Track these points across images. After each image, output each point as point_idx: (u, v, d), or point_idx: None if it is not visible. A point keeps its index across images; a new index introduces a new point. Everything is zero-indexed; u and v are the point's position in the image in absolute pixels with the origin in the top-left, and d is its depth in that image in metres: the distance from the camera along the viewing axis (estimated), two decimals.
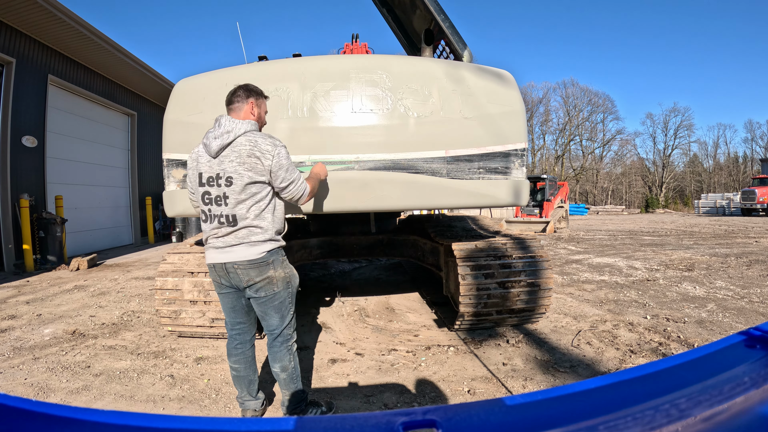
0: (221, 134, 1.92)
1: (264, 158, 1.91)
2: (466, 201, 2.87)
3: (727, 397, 0.46)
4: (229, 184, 1.91)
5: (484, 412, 0.43)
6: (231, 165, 1.91)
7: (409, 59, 3.33)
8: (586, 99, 46.97)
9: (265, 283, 1.98)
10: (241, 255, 1.94)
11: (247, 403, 2.21)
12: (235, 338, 2.17)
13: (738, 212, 23.82)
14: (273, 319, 2.06)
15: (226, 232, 1.95)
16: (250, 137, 1.93)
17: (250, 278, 1.96)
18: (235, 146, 1.91)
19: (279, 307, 2.04)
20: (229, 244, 1.96)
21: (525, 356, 2.99)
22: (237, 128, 1.93)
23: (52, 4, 6.76)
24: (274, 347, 2.10)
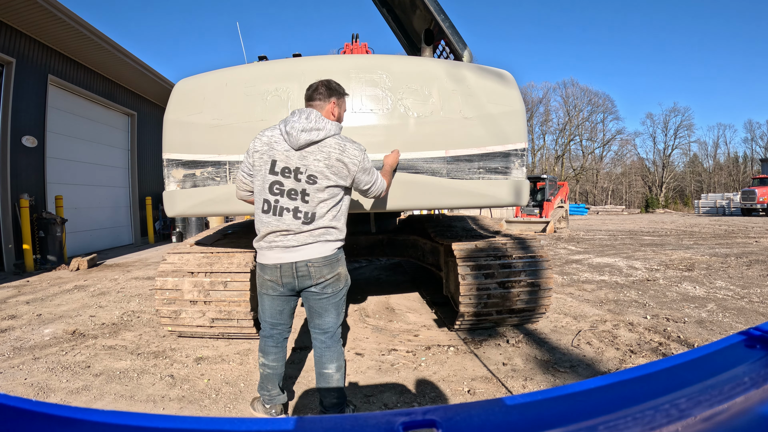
0: (311, 129, 1.87)
1: (351, 164, 1.93)
2: (466, 201, 2.87)
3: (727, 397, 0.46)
4: (312, 183, 1.89)
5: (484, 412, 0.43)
6: (316, 164, 1.88)
7: (409, 59, 3.33)
8: (586, 99, 47.02)
9: (334, 280, 2.00)
10: (317, 252, 1.93)
11: (278, 398, 2.20)
12: (276, 337, 2.17)
13: (738, 212, 23.82)
14: (331, 316, 2.06)
15: (300, 229, 1.90)
16: (339, 141, 1.92)
17: (322, 275, 1.96)
18: (324, 146, 1.89)
19: (339, 304, 2.08)
20: (303, 243, 1.92)
21: (525, 356, 2.99)
22: (328, 129, 1.90)
23: (52, 4, 6.76)
24: (331, 347, 2.08)
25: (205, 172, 2.80)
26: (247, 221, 5.42)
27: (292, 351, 3.18)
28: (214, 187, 2.79)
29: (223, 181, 2.77)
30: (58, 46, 8.01)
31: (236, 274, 3.11)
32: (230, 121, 2.78)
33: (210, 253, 3.30)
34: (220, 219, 11.06)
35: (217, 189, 2.78)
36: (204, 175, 2.80)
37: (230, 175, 2.78)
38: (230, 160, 2.76)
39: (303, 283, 1.97)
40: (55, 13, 6.92)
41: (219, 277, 3.12)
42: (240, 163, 2.77)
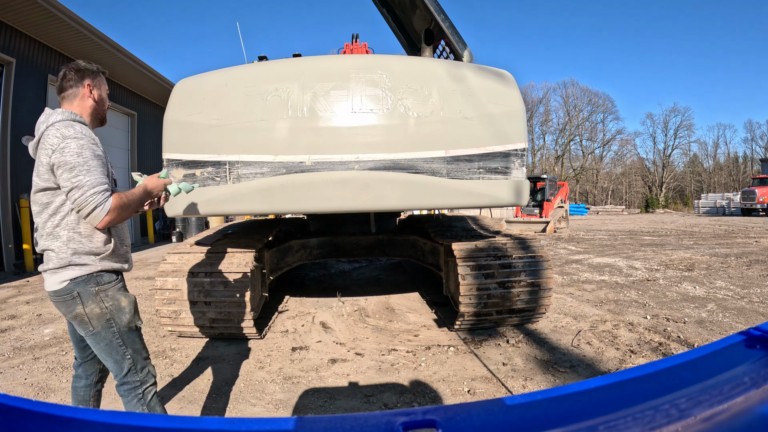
0: (38, 124, 1.54)
1: (44, 155, 1.47)
2: (466, 201, 2.87)
3: (727, 397, 0.46)
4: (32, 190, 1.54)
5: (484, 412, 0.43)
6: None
7: (409, 59, 3.33)
8: (586, 99, 47.02)
9: (77, 323, 1.56)
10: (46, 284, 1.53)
11: None
12: (79, 377, 1.79)
13: (738, 212, 23.82)
14: (108, 363, 1.62)
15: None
16: (54, 129, 1.50)
17: (62, 312, 1.57)
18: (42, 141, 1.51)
19: (107, 349, 1.58)
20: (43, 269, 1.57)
21: (525, 356, 2.99)
22: (52, 119, 1.53)
23: (52, 4, 6.76)
24: (121, 396, 1.64)
25: (205, 172, 2.80)
26: (247, 221, 5.42)
27: (291, 351, 3.18)
28: (214, 187, 2.79)
29: (223, 181, 2.77)
30: (58, 46, 8.01)
31: (236, 274, 3.11)
32: (230, 121, 2.78)
33: (210, 253, 3.30)
34: (220, 219, 11.06)
35: (217, 189, 2.78)
36: (204, 175, 2.80)
37: (230, 175, 2.78)
38: (230, 160, 2.76)
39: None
40: (55, 13, 6.92)
41: (219, 277, 3.12)
42: (240, 162, 2.77)
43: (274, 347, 3.26)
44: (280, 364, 2.95)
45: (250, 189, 2.76)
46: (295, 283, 5.66)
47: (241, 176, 2.77)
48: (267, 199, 2.76)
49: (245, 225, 4.72)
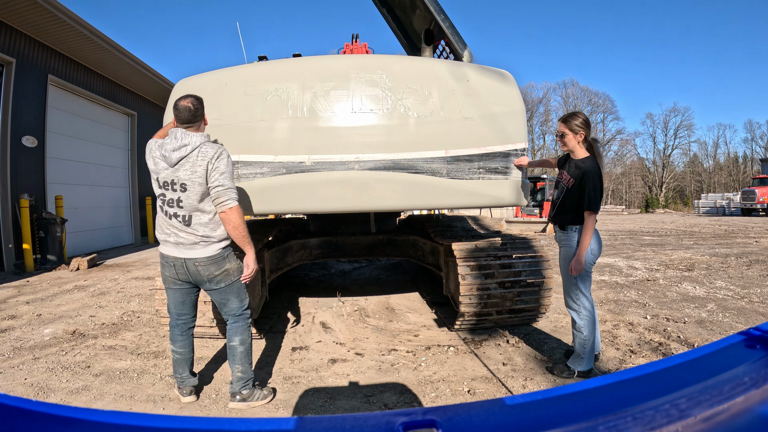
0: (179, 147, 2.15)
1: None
2: (466, 201, 2.87)
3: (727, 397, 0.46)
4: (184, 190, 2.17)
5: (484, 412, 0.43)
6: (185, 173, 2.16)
7: (409, 59, 3.33)
8: (586, 99, 47.00)
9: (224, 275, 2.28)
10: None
11: (188, 380, 2.43)
12: (181, 326, 2.41)
13: (738, 212, 23.82)
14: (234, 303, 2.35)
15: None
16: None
17: (210, 272, 2.24)
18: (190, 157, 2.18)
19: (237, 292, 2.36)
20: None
21: (525, 356, 2.99)
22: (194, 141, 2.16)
23: (52, 4, 6.76)
24: (237, 322, 2.36)
25: None
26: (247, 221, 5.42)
27: (291, 351, 3.18)
28: None
29: None
30: (58, 46, 8.01)
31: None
32: (230, 121, 2.78)
33: None
34: None
35: None
36: None
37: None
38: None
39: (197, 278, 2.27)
40: (55, 13, 6.91)
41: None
42: (240, 162, 2.77)
43: (274, 347, 3.26)
44: (280, 364, 2.95)
45: (250, 189, 2.76)
46: (295, 283, 5.66)
47: (241, 176, 2.77)
48: (267, 199, 2.77)
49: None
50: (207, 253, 2.19)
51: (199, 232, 2.17)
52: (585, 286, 2.61)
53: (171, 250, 2.22)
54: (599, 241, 2.64)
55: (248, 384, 2.33)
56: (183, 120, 2.18)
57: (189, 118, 2.17)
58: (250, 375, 2.35)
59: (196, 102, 2.21)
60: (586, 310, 2.61)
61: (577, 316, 2.63)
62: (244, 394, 2.32)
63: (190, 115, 2.17)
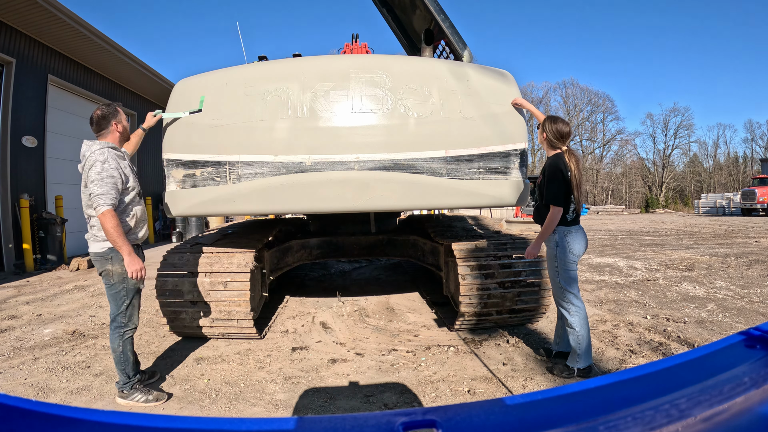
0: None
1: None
2: (466, 201, 2.87)
3: (727, 397, 0.46)
4: None
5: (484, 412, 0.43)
6: None
7: (409, 59, 3.33)
8: (586, 99, 47.03)
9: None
10: None
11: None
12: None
13: (738, 212, 23.81)
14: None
15: None
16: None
17: (97, 268, 2.43)
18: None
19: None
20: None
21: (525, 356, 2.98)
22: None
23: (52, 4, 6.76)
24: (111, 330, 2.49)
25: (205, 172, 2.80)
26: (247, 221, 5.43)
27: (291, 351, 3.18)
28: (215, 187, 2.79)
29: (223, 181, 2.77)
30: (58, 46, 8.01)
31: (236, 274, 3.11)
32: (230, 121, 2.78)
33: (210, 253, 3.30)
34: (220, 219, 11.06)
35: (217, 189, 2.78)
36: (204, 175, 2.80)
37: (230, 175, 2.78)
38: (230, 160, 2.76)
39: None
40: (55, 13, 6.91)
41: (219, 277, 3.12)
42: (240, 162, 2.77)
43: (274, 347, 3.26)
44: (280, 364, 2.95)
45: (250, 189, 2.76)
46: (295, 283, 5.66)
47: (241, 176, 2.77)
48: (267, 199, 2.76)
49: (245, 225, 4.73)
50: (93, 249, 2.39)
51: (91, 228, 2.40)
52: (570, 286, 2.62)
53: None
54: (581, 240, 2.62)
55: (125, 387, 2.43)
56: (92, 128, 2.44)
57: (93, 128, 2.43)
58: (124, 379, 2.44)
59: (103, 110, 2.43)
60: (575, 307, 2.62)
61: (568, 314, 2.63)
62: (124, 394, 2.44)
63: (94, 126, 2.42)
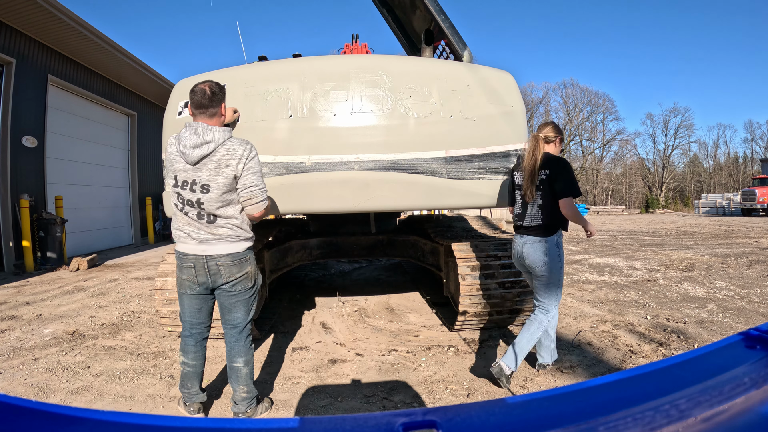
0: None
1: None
2: (466, 201, 2.87)
3: (727, 397, 0.46)
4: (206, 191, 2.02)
5: (484, 412, 0.43)
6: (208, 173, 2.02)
7: (409, 59, 3.33)
8: (586, 99, 47.02)
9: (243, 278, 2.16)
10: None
11: (196, 397, 2.25)
12: (195, 337, 2.24)
13: (738, 212, 23.82)
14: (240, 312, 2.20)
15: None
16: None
17: (231, 273, 2.11)
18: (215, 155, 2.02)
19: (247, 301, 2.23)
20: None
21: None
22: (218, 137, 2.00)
23: (52, 4, 6.76)
24: (240, 342, 2.21)
25: None
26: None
27: (291, 351, 3.18)
28: None
29: None
30: (58, 46, 8.01)
31: None
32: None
33: None
34: None
35: None
36: None
37: None
38: None
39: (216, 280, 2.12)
40: (55, 13, 6.91)
41: None
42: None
43: (274, 347, 3.26)
44: (280, 364, 2.95)
45: None
46: (295, 283, 5.66)
47: None
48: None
49: None
50: (233, 250, 2.06)
51: (227, 229, 2.05)
52: (562, 286, 2.58)
53: (192, 248, 2.05)
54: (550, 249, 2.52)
55: (253, 403, 2.22)
56: (197, 104, 1.99)
57: (204, 103, 1.98)
58: (254, 393, 2.24)
59: (215, 86, 2.03)
60: (557, 306, 2.57)
61: (547, 313, 2.53)
62: (249, 413, 2.21)
63: (206, 100, 1.98)
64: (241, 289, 2.14)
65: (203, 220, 2.03)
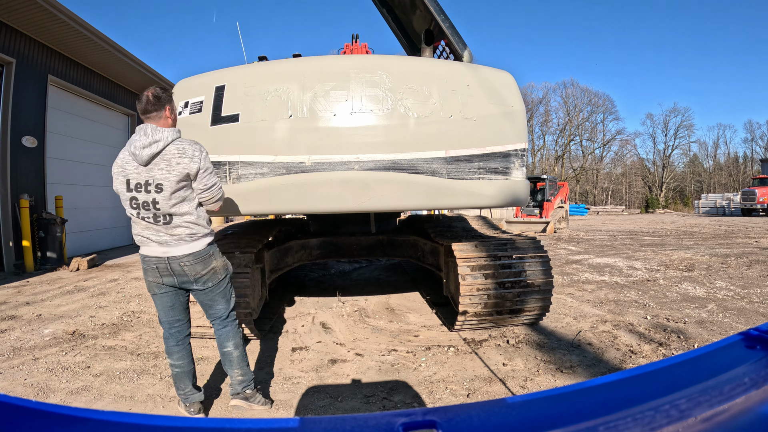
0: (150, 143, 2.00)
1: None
2: (467, 201, 2.87)
3: (727, 397, 0.46)
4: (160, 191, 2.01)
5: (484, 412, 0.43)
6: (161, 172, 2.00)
7: (409, 59, 3.33)
8: (586, 99, 47.03)
9: (211, 274, 2.17)
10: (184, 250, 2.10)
11: (192, 396, 2.26)
12: (176, 336, 2.25)
13: (738, 212, 23.82)
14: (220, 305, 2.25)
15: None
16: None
17: (197, 272, 2.11)
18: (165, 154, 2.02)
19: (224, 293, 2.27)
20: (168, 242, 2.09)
21: (525, 357, 2.98)
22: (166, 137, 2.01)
23: (52, 4, 6.76)
24: (226, 327, 2.27)
25: None
26: (247, 222, 5.42)
27: (291, 351, 3.18)
28: None
29: (223, 182, 2.77)
30: (58, 46, 8.01)
31: (236, 275, 3.11)
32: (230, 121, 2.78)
33: None
34: (220, 219, 11.06)
35: None
36: None
37: (230, 175, 2.78)
38: (230, 161, 2.76)
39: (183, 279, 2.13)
40: (55, 14, 6.91)
41: None
42: (240, 163, 2.77)
43: (274, 347, 3.26)
44: (280, 364, 2.95)
45: (250, 189, 2.76)
46: (295, 283, 5.65)
47: (241, 176, 2.77)
48: (267, 199, 2.76)
49: (245, 225, 4.72)
50: (193, 249, 2.07)
51: (184, 228, 2.05)
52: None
53: (154, 250, 2.07)
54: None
55: (250, 384, 2.28)
56: (142, 110, 2.03)
57: (149, 108, 2.02)
58: (250, 376, 2.29)
59: (159, 90, 2.06)
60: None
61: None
62: (247, 393, 2.27)
63: (150, 105, 2.02)
64: (213, 285, 2.18)
65: (160, 222, 2.04)
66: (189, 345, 2.30)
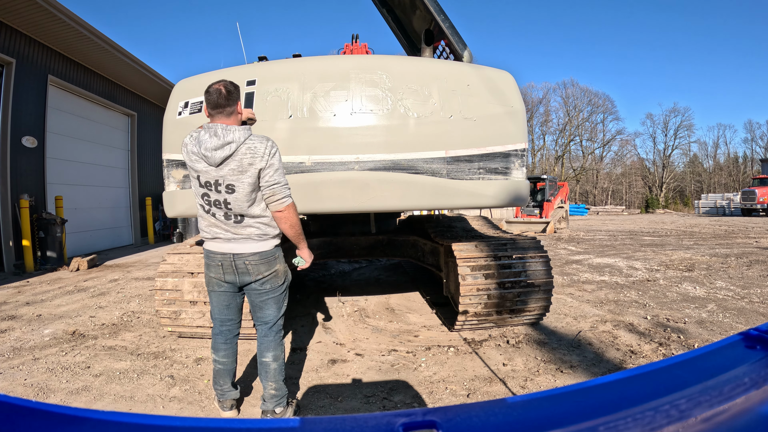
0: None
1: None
2: (467, 201, 2.87)
3: (727, 397, 0.46)
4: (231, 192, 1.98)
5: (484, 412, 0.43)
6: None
7: (409, 59, 3.33)
8: (586, 99, 47.01)
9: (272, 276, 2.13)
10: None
11: (230, 393, 2.26)
12: (225, 334, 2.25)
13: (738, 212, 23.83)
14: (271, 310, 2.19)
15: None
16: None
17: (260, 272, 2.08)
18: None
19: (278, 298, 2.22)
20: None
21: (525, 357, 2.98)
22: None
23: (52, 4, 6.76)
24: (269, 336, 2.20)
25: None
26: None
27: (291, 351, 3.18)
28: None
29: None
30: (58, 46, 8.01)
31: None
32: None
33: None
34: None
35: None
36: None
37: None
38: None
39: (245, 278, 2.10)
40: (55, 14, 6.92)
41: None
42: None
43: None
44: None
45: None
46: (295, 283, 5.66)
47: None
48: None
49: None
50: (260, 248, 2.04)
51: (254, 228, 2.02)
52: None
53: (220, 246, 2.04)
54: None
55: (282, 401, 2.16)
56: (213, 104, 1.95)
57: (221, 102, 1.94)
58: (284, 392, 2.18)
59: (230, 85, 1.99)
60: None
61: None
62: (278, 413, 2.15)
63: (222, 99, 1.93)
64: (271, 287, 2.13)
65: (230, 220, 2.00)
66: (236, 344, 2.29)
